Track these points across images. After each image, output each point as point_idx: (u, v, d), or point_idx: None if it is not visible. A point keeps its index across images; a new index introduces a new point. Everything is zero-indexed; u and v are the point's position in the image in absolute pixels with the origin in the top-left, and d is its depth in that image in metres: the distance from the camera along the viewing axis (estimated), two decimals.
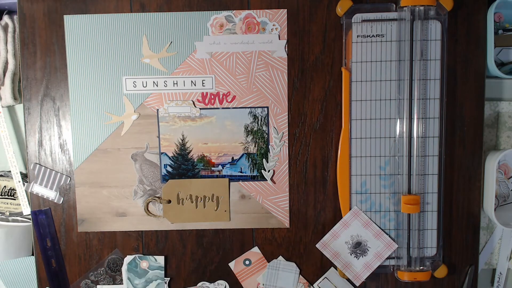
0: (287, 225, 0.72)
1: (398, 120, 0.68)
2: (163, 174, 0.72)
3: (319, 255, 0.72)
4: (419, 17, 0.66)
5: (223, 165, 0.72)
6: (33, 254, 0.78)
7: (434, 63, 0.67)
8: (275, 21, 0.69)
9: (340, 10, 0.67)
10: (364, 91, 0.68)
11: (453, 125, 0.70)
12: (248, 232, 0.73)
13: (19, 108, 0.79)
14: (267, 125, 0.71)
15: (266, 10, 0.69)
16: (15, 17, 0.74)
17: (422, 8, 0.65)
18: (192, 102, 0.71)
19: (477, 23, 0.69)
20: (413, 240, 0.69)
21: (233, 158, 0.71)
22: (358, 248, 0.70)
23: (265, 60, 0.70)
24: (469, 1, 0.69)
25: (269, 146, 0.71)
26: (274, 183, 0.72)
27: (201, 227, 0.73)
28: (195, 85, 0.70)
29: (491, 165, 0.70)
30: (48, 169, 0.72)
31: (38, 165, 0.72)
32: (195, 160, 0.72)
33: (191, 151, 0.72)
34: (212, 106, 0.71)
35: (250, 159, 0.71)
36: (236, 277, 0.73)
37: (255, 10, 0.69)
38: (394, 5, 0.67)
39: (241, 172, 0.72)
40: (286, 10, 0.69)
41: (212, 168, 0.72)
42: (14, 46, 0.74)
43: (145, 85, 0.70)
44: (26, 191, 0.75)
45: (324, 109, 0.71)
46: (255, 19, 0.69)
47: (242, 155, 0.71)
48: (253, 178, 0.72)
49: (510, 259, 0.77)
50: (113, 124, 0.71)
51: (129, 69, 0.70)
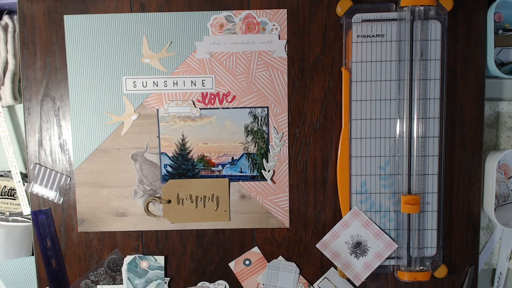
0: (287, 225, 0.72)
1: (398, 120, 0.68)
2: (163, 174, 0.72)
3: (319, 255, 0.72)
4: (419, 17, 0.66)
5: (223, 165, 0.72)
6: (33, 254, 0.78)
7: (434, 63, 0.67)
8: (275, 21, 0.69)
9: (340, 10, 0.67)
10: (364, 91, 0.68)
11: (453, 125, 0.70)
12: (248, 232, 0.73)
13: (19, 108, 0.79)
14: (267, 125, 0.71)
15: (266, 10, 0.69)
16: (15, 17, 0.74)
17: (422, 8, 0.65)
18: (192, 102, 0.71)
19: (477, 23, 0.69)
20: (413, 240, 0.69)
21: (233, 158, 0.71)
22: (358, 248, 0.70)
23: (265, 60, 0.70)
24: (469, 1, 0.69)
25: (269, 146, 0.71)
26: (274, 183, 0.72)
27: (201, 227, 0.73)
28: (195, 85, 0.70)
29: (491, 165, 0.70)
30: (48, 169, 0.72)
31: (38, 165, 0.72)
32: (195, 160, 0.72)
33: (191, 151, 0.72)
34: (212, 106, 0.71)
35: (250, 159, 0.71)
36: (236, 277, 0.73)
37: (255, 10, 0.69)
38: (394, 5, 0.67)
39: (241, 172, 0.72)
40: (286, 10, 0.69)
41: (212, 168, 0.72)
42: (14, 46, 0.74)
43: (145, 85, 0.70)
44: (26, 191, 0.75)
45: (324, 109, 0.71)
46: (255, 19, 0.69)
47: (242, 155, 0.71)
48: (253, 178, 0.72)
49: (510, 259, 0.77)
50: (113, 124, 0.71)
51: (129, 69, 0.70)
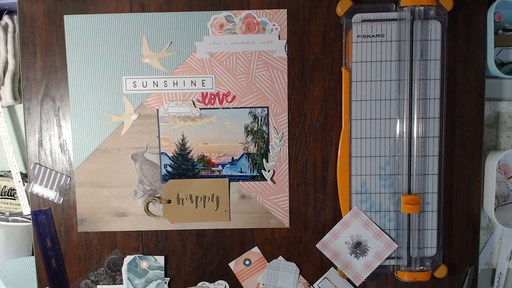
0: (287, 225, 0.72)
1: (398, 120, 0.68)
2: (163, 174, 0.72)
3: (319, 255, 0.72)
4: (419, 17, 0.66)
5: (223, 165, 0.72)
6: (33, 254, 0.78)
7: (434, 63, 0.67)
8: (275, 21, 0.69)
9: (340, 10, 0.67)
10: (364, 91, 0.68)
11: (453, 125, 0.70)
12: (248, 232, 0.73)
13: (19, 108, 0.79)
14: (267, 125, 0.71)
15: (266, 10, 0.69)
16: (15, 17, 0.74)
17: (422, 8, 0.65)
18: (192, 102, 0.71)
19: (477, 23, 0.69)
20: (413, 240, 0.69)
21: (233, 158, 0.71)
22: (358, 248, 0.70)
23: (265, 60, 0.70)
24: (469, 1, 0.69)
25: (269, 146, 0.71)
26: (274, 183, 0.72)
27: (201, 227, 0.72)
28: (195, 85, 0.70)
29: (491, 165, 0.70)
30: (48, 169, 0.72)
31: (38, 165, 0.72)
32: (195, 160, 0.72)
33: (191, 151, 0.72)
34: (212, 106, 0.71)
35: (250, 159, 0.71)
36: (236, 277, 0.73)
37: (255, 10, 0.69)
38: (394, 5, 0.67)
39: (241, 172, 0.72)
40: (286, 10, 0.69)
41: (212, 168, 0.72)
42: (14, 46, 0.74)
43: (145, 85, 0.70)
44: (26, 191, 0.75)
45: (324, 109, 0.71)
46: (255, 19, 0.69)
47: (242, 155, 0.71)
48: (253, 178, 0.72)
49: (510, 259, 0.77)
50: (113, 124, 0.71)
51: (129, 69, 0.70)
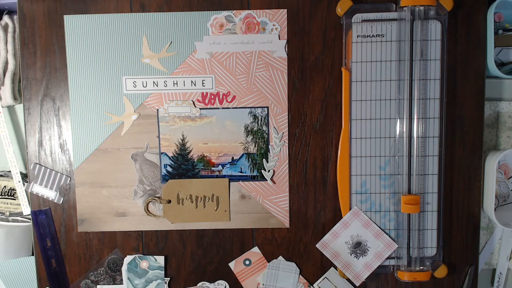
0: (287, 225, 0.72)
1: (398, 120, 0.68)
2: (163, 174, 0.72)
3: (319, 255, 0.72)
4: (419, 17, 0.66)
5: (223, 165, 0.72)
6: (33, 254, 0.78)
7: (434, 63, 0.67)
8: (275, 21, 0.69)
9: (340, 10, 0.67)
10: (364, 91, 0.68)
11: (453, 125, 0.70)
12: (248, 232, 0.73)
13: (19, 108, 0.79)
14: (267, 125, 0.71)
15: (266, 10, 0.69)
16: (15, 17, 0.74)
17: (422, 8, 0.65)
18: (192, 102, 0.71)
19: (477, 23, 0.69)
20: (413, 240, 0.69)
21: (233, 158, 0.71)
22: (358, 248, 0.70)
23: (265, 60, 0.70)
24: (469, 1, 0.69)
25: (269, 146, 0.71)
26: (274, 183, 0.72)
27: (201, 227, 0.72)
28: (195, 85, 0.70)
29: (491, 165, 0.70)
30: (48, 169, 0.72)
31: (38, 165, 0.72)
32: (195, 160, 0.72)
33: (191, 151, 0.72)
34: (212, 106, 0.71)
35: (250, 159, 0.71)
36: (236, 277, 0.73)
37: (255, 10, 0.69)
38: (394, 5, 0.67)
39: (241, 172, 0.72)
40: (286, 10, 0.69)
41: (212, 168, 0.72)
42: (14, 46, 0.74)
43: (145, 85, 0.70)
44: (26, 191, 0.75)
45: (324, 109, 0.71)
46: (255, 19, 0.69)
47: (242, 155, 0.71)
48: (253, 178, 0.72)
49: (510, 259, 0.77)
50: (113, 124, 0.71)
51: (129, 69, 0.70)
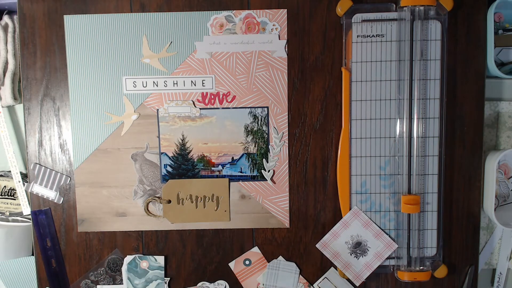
0: (287, 225, 0.72)
1: (398, 120, 0.68)
2: (163, 174, 0.72)
3: (319, 255, 0.72)
4: (419, 17, 0.66)
5: (223, 165, 0.72)
6: (33, 254, 0.78)
7: (434, 63, 0.67)
8: (275, 21, 0.69)
9: (340, 10, 0.67)
10: (364, 91, 0.68)
11: (453, 125, 0.70)
12: (248, 232, 0.73)
13: (19, 108, 0.79)
14: (267, 125, 0.71)
15: (266, 10, 0.69)
16: (15, 17, 0.74)
17: (422, 8, 0.65)
18: (192, 102, 0.71)
19: (477, 23, 0.69)
20: (413, 240, 0.69)
21: (233, 158, 0.71)
22: (358, 248, 0.70)
23: (265, 60, 0.70)
24: (469, 1, 0.69)
25: (269, 146, 0.71)
26: (274, 183, 0.72)
27: (201, 227, 0.72)
28: (195, 85, 0.70)
29: (491, 165, 0.70)
30: (48, 169, 0.72)
31: (38, 165, 0.72)
32: (195, 160, 0.72)
33: (191, 151, 0.72)
34: (212, 106, 0.71)
35: (250, 159, 0.71)
36: (236, 277, 0.73)
37: (255, 10, 0.69)
38: (394, 5, 0.67)
39: (241, 172, 0.72)
40: (286, 10, 0.69)
41: (212, 168, 0.72)
42: (14, 46, 0.74)
43: (145, 85, 0.70)
44: (26, 191, 0.75)
45: (324, 109, 0.71)
46: (255, 19, 0.69)
47: (242, 155, 0.71)
48: (253, 178, 0.72)
49: (510, 259, 0.77)
50: (113, 124, 0.71)
51: (129, 69, 0.70)
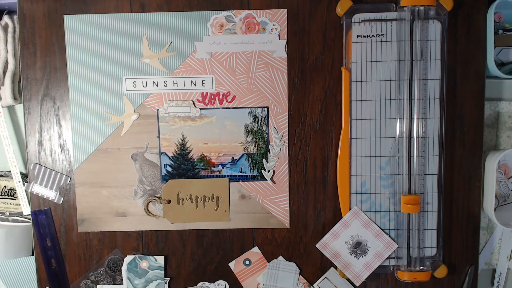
0: (287, 225, 0.72)
1: (398, 120, 0.68)
2: (163, 174, 0.72)
3: (319, 255, 0.72)
4: (419, 17, 0.66)
5: (223, 165, 0.72)
6: (33, 254, 0.78)
7: (434, 63, 0.67)
8: (275, 21, 0.69)
9: (340, 10, 0.67)
10: (364, 91, 0.68)
11: (453, 125, 0.70)
12: (248, 232, 0.73)
13: (19, 108, 0.79)
14: (267, 125, 0.71)
15: (266, 10, 0.69)
16: (15, 17, 0.74)
17: (422, 8, 0.65)
18: (192, 102, 0.71)
19: (477, 23, 0.69)
20: (413, 240, 0.69)
21: (233, 158, 0.71)
22: (358, 248, 0.70)
23: (265, 60, 0.70)
24: (469, 1, 0.69)
25: (269, 146, 0.71)
26: (274, 183, 0.72)
27: (201, 227, 0.72)
28: (195, 85, 0.70)
29: (491, 165, 0.70)
30: (48, 169, 0.72)
31: (38, 165, 0.72)
32: (195, 160, 0.72)
33: (191, 151, 0.72)
34: (212, 106, 0.71)
35: (250, 159, 0.71)
36: (236, 277, 0.73)
37: (255, 10, 0.69)
38: (394, 5, 0.67)
39: (241, 172, 0.72)
40: (286, 10, 0.69)
41: (212, 168, 0.72)
42: (14, 46, 0.74)
43: (145, 85, 0.70)
44: (26, 191, 0.75)
45: (324, 109, 0.71)
46: (255, 19, 0.69)
47: (242, 155, 0.71)
48: (253, 178, 0.72)
49: (510, 259, 0.77)
50: (113, 124, 0.71)
51: (129, 69, 0.70)
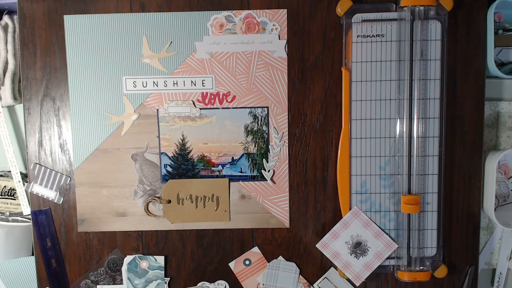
0: (287, 225, 0.72)
1: (398, 120, 0.68)
2: (163, 174, 0.72)
3: (319, 255, 0.72)
4: (419, 17, 0.66)
5: (223, 165, 0.72)
6: (33, 254, 0.78)
7: (434, 63, 0.67)
8: (275, 21, 0.69)
9: (340, 10, 0.67)
10: (364, 91, 0.68)
11: (453, 125, 0.70)
12: (248, 232, 0.73)
13: (19, 108, 0.79)
14: (267, 125, 0.71)
15: (266, 10, 0.69)
16: (15, 17, 0.74)
17: (422, 8, 0.65)
18: (192, 102, 0.71)
19: (477, 23, 0.69)
20: (413, 240, 0.69)
21: (233, 158, 0.71)
22: (358, 248, 0.70)
23: (265, 60, 0.70)
24: (469, 1, 0.69)
25: (269, 146, 0.71)
26: (274, 183, 0.72)
27: (201, 227, 0.72)
28: (195, 85, 0.70)
29: (491, 165, 0.70)
30: (48, 169, 0.72)
31: (38, 165, 0.72)
32: (195, 160, 0.72)
33: (191, 151, 0.72)
34: (212, 106, 0.71)
35: (250, 159, 0.71)
36: (236, 277, 0.73)
37: (255, 10, 0.69)
38: (394, 5, 0.67)
39: (241, 172, 0.72)
40: (286, 10, 0.69)
41: (212, 168, 0.72)
42: (14, 46, 0.74)
43: (145, 85, 0.70)
44: (26, 191, 0.75)
45: (324, 109, 0.71)
46: (255, 19, 0.69)
47: (242, 155, 0.71)
48: (253, 178, 0.72)
49: (510, 259, 0.77)
50: (113, 124, 0.71)
51: (129, 69, 0.70)
